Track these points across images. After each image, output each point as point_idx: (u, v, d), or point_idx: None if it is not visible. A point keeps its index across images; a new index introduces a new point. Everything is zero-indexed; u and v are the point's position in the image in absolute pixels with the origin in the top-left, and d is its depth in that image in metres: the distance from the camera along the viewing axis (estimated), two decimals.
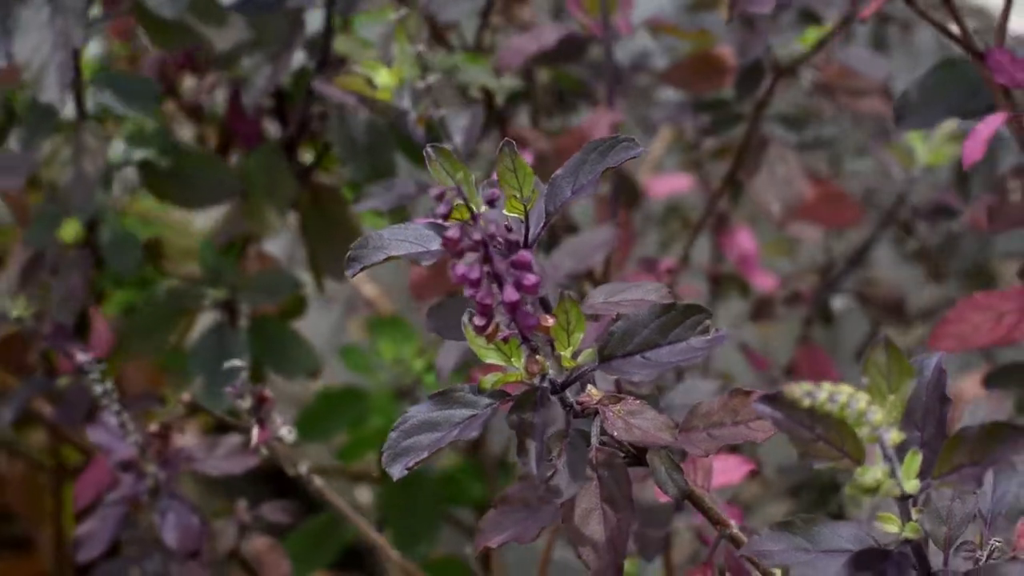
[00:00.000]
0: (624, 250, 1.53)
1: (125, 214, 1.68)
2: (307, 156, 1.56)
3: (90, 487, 1.41)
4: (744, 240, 1.63)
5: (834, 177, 1.76)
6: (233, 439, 1.28)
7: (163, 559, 1.29)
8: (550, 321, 0.81)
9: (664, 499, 0.96)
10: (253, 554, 1.41)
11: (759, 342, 1.76)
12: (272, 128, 1.58)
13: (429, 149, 0.86)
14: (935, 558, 0.85)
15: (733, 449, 1.51)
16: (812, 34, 1.46)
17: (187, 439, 1.34)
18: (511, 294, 0.77)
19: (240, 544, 1.41)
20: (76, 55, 1.37)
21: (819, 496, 1.77)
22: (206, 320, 1.57)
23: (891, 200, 1.65)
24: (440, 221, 0.80)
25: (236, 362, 1.27)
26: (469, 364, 1.38)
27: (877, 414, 0.72)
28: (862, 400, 0.72)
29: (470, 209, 0.77)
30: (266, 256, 1.68)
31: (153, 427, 1.25)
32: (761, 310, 1.69)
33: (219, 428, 1.46)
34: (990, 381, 1.26)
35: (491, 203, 0.77)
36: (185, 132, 1.75)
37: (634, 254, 1.62)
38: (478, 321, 0.78)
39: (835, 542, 0.83)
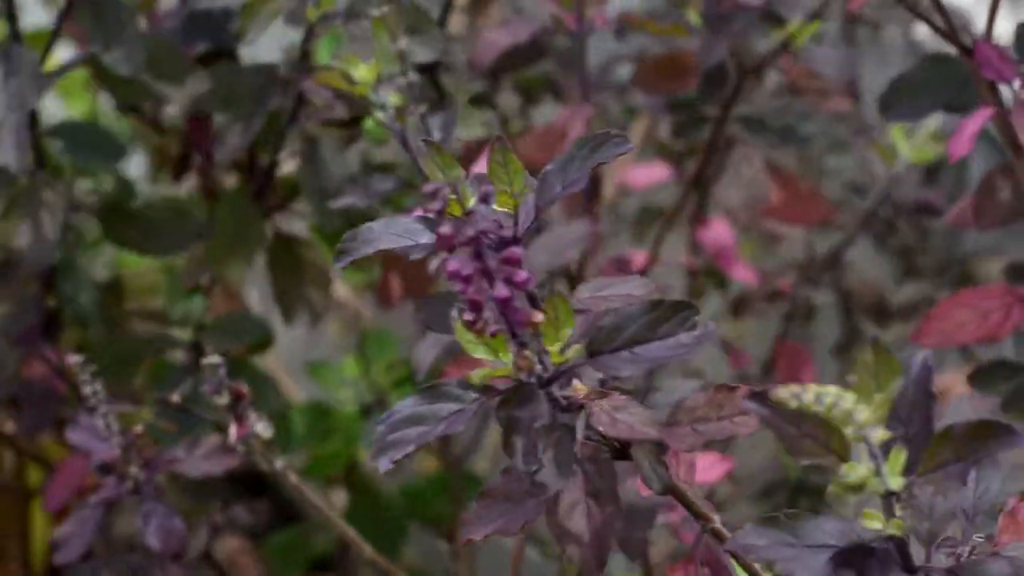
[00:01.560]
0: (595, 244, 1.54)
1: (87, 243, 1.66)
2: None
3: (62, 491, 1.40)
4: (722, 233, 1.63)
5: (816, 175, 1.76)
6: (213, 440, 1.28)
7: (140, 561, 1.29)
8: (539, 317, 0.81)
9: (647, 493, 0.97)
10: (225, 556, 1.41)
11: (735, 337, 1.77)
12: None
13: (422, 143, 0.86)
14: (918, 554, 0.85)
15: (708, 447, 1.51)
16: (776, 35, 1.47)
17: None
18: (502, 291, 0.78)
19: (212, 546, 1.41)
20: (30, 115, 1.34)
21: (791, 497, 1.78)
22: (171, 359, 1.56)
23: (873, 198, 1.65)
24: (430, 215, 0.81)
25: (214, 358, 1.26)
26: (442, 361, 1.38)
27: (863, 413, 0.73)
28: (848, 400, 0.73)
29: (463, 205, 0.78)
30: (232, 295, 1.67)
31: (138, 429, 1.25)
32: (741, 306, 1.69)
33: None
34: (974, 379, 1.27)
35: (485, 200, 0.77)
36: (150, 139, 1.73)
37: (606, 249, 1.62)
38: (469, 317, 0.79)
39: (819, 537, 0.84)
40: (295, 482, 1.30)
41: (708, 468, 1.20)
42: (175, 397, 1.35)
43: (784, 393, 0.72)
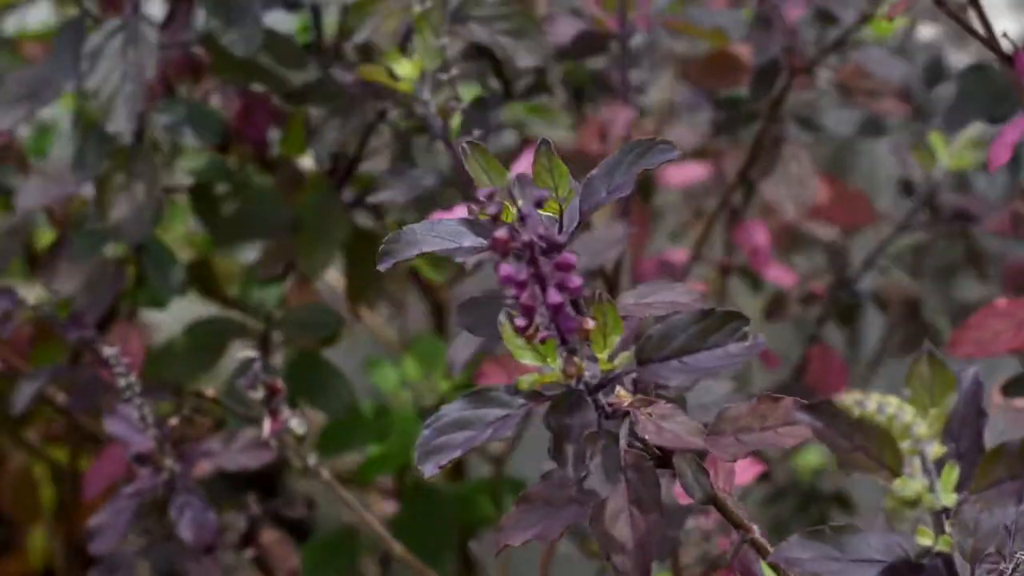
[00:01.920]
0: (639, 244, 1.53)
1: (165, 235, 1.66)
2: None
3: (100, 479, 1.40)
4: (757, 234, 1.62)
5: (848, 176, 1.75)
6: (249, 433, 1.28)
7: (175, 553, 1.29)
8: (591, 324, 0.81)
9: (686, 501, 0.96)
10: (263, 547, 1.41)
11: (767, 339, 1.75)
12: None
13: (464, 144, 0.86)
14: (963, 571, 0.85)
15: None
16: (831, 33, 1.47)
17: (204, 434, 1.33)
18: (555, 297, 0.77)
19: (250, 537, 1.41)
20: (146, 87, 1.35)
21: (800, 503, 1.77)
22: (242, 350, 1.56)
23: (912, 202, 1.64)
24: (472, 218, 0.80)
25: (249, 352, 1.26)
26: (479, 358, 1.37)
27: (922, 427, 0.72)
28: (908, 413, 0.72)
29: (518, 210, 0.77)
30: (306, 287, 1.67)
31: (174, 420, 1.25)
32: (775, 308, 1.68)
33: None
34: (1008, 390, 1.26)
35: (539, 205, 0.77)
36: None
37: (648, 250, 1.62)
38: (520, 322, 0.78)
39: (865, 552, 0.83)
40: (327, 479, 1.30)
41: (740, 472, 1.19)
42: (210, 392, 1.35)
43: (848, 400, 0.71)
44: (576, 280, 0.77)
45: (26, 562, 1.78)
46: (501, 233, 0.76)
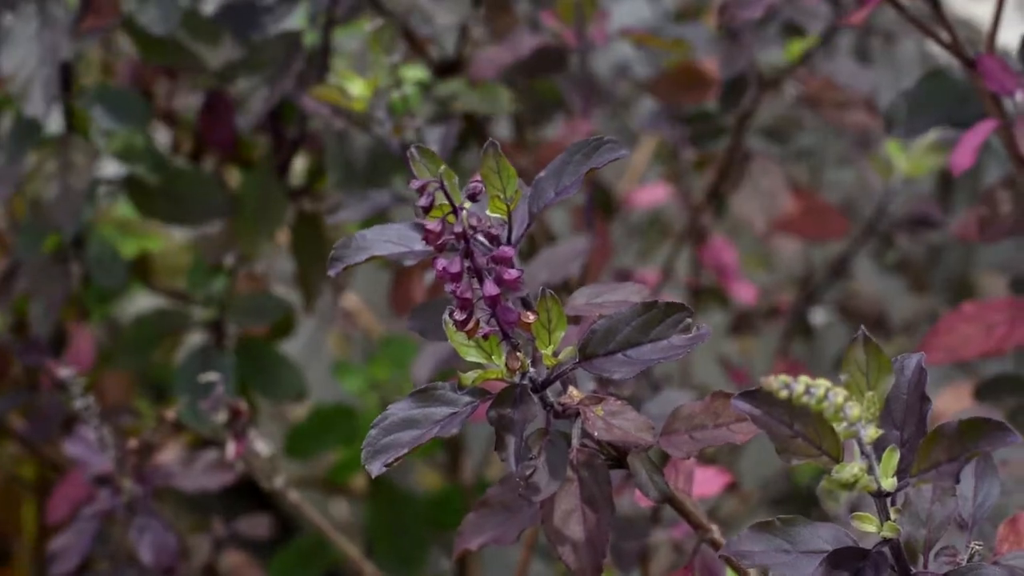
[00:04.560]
0: (600, 261, 1.53)
1: (102, 224, 1.67)
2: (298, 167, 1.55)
3: (63, 502, 1.40)
4: (723, 252, 1.63)
5: (816, 188, 1.76)
6: (210, 455, 1.28)
7: (138, 574, 1.29)
8: (531, 317, 0.81)
9: (645, 503, 0.96)
10: (228, 570, 1.40)
11: (737, 356, 1.76)
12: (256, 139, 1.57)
13: (413, 149, 0.86)
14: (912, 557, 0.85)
15: (712, 462, 1.50)
16: (796, 46, 1.47)
17: (165, 455, 1.33)
18: (491, 288, 0.77)
19: (215, 559, 1.40)
20: (64, 69, 1.37)
21: (800, 510, 1.77)
22: (192, 340, 1.56)
23: (871, 211, 1.65)
24: (423, 222, 0.80)
25: (212, 375, 1.26)
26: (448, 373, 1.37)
27: (854, 409, 0.72)
28: (840, 395, 0.72)
29: (452, 203, 0.77)
30: (255, 276, 1.67)
31: (133, 443, 1.24)
32: (741, 323, 1.68)
33: (205, 444, 1.46)
34: (980, 394, 1.26)
35: (472, 197, 0.77)
36: (160, 137, 1.74)
37: (612, 265, 1.62)
38: (458, 316, 0.78)
39: (815, 543, 0.83)
40: (295, 500, 1.30)
41: (706, 481, 1.19)
42: (171, 414, 1.35)
43: (775, 383, 0.71)
44: (513, 272, 0.77)
45: (17, 573, 1.77)
46: (433, 225, 0.76)
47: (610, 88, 1.62)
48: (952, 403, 1.45)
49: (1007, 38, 1.27)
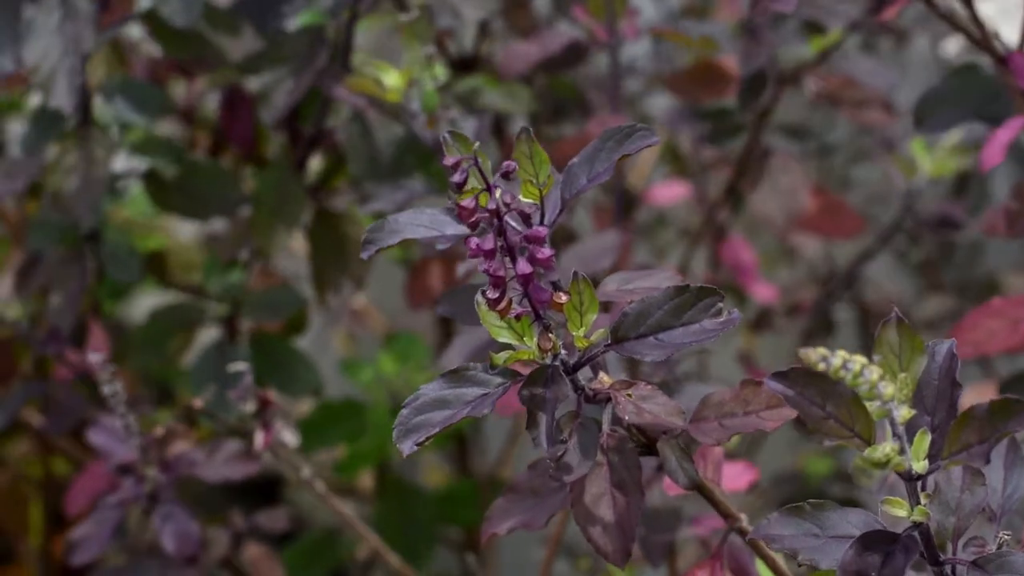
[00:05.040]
0: (624, 257, 1.53)
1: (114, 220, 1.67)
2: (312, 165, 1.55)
3: (83, 494, 1.40)
4: (742, 250, 1.63)
5: (840, 187, 1.75)
6: (233, 445, 1.28)
7: (158, 565, 1.29)
8: (563, 298, 0.81)
9: (674, 492, 0.96)
10: (247, 562, 1.41)
11: (755, 355, 1.76)
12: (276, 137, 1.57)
13: (446, 134, 0.86)
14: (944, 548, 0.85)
15: (734, 457, 1.50)
16: (819, 42, 1.47)
17: (179, 448, 1.33)
18: (524, 267, 0.77)
19: (234, 552, 1.40)
20: (85, 61, 1.37)
21: None
22: (207, 335, 1.56)
23: (894, 211, 1.64)
24: (456, 199, 0.81)
25: (239, 365, 1.26)
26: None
27: (888, 388, 0.72)
28: (875, 372, 0.72)
29: (485, 181, 0.78)
30: (271, 272, 1.68)
31: (159, 430, 1.25)
32: (761, 321, 1.68)
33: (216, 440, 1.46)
34: (1005, 389, 1.26)
35: (506, 175, 0.77)
36: (177, 135, 1.74)
37: (632, 262, 1.62)
38: (491, 294, 0.78)
39: (844, 528, 0.83)
40: (322, 491, 1.30)
41: (735, 477, 1.19)
42: (198, 403, 1.35)
43: (813, 356, 0.71)
44: (546, 251, 0.78)
45: (23, 574, 1.77)
46: (467, 202, 0.76)
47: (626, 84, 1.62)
48: (976, 401, 1.44)
49: (1006, 35, 1.27)
